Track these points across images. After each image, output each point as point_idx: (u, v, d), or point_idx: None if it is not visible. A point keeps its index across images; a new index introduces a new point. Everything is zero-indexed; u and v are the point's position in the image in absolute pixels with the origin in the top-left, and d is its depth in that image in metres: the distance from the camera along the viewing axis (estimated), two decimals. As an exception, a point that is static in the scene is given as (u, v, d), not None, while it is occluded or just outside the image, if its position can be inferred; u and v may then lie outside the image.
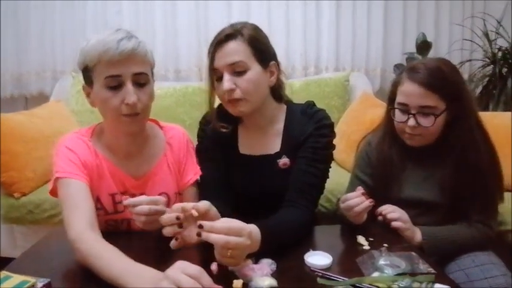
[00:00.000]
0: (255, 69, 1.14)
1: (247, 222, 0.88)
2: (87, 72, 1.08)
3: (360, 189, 1.13)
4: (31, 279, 0.79)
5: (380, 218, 1.17)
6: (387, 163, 1.29)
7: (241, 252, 0.82)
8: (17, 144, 1.95)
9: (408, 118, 1.19)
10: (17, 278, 0.79)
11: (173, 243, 0.91)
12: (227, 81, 1.11)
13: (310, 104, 1.24)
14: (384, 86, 3.05)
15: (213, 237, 0.78)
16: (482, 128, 1.25)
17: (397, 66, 2.90)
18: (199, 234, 0.79)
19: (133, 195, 1.10)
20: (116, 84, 1.05)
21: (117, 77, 1.05)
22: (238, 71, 1.12)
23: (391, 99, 1.27)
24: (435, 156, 1.25)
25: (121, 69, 1.04)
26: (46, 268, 0.93)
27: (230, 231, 0.79)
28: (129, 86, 1.05)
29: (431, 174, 1.26)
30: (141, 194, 1.13)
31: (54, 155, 1.15)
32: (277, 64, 1.21)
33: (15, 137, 1.96)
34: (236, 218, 0.86)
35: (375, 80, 3.03)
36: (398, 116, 1.23)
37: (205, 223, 0.79)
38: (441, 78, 1.17)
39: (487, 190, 1.22)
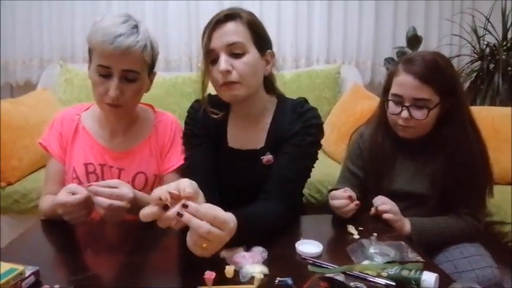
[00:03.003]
0: (252, 54, 1.11)
1: (228, 210, 0.84)
2: (89, 50, 1.15)
3: (347, 191, 1.13)
4: (19, 267, 0.77)
5: (372, 210, 1.17)
6: (379, 155, 1.30)
7: (217, 246, 0.76)
8: (2, 132, 1.91)
9: (402, 110, 1.19)
10: (4, 266, 0.77)
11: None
12: (224, 62, 1.07)
13: (302, 101, 1.20)
14: (374, 79, 3.09)
15: (195, 223, 0.71)
16: (473, 123, 1.26)
17: (388, 60, 2.93)
18: (180, 214, 0.72)
19: (111, 168, 1.22)
20: (105, 74, 1.10)
21: (107, 68, 1.10)
22: (237, 52, 1.08)
23: (385, 90, 1.27)
24: (427, 150, 1.25)
25: (112, 62, 1.09)
26: (34, 257, 0.92)
27: (215, 221, 0.73)
28: (115, 80, 1.10)
29: (422, 167, 1.27)
30: (119, 168, 1.23)
31: None
32: (273, 54, 1.19)
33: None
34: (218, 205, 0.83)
35: (365, 73, 3.05)
36: (392, 107, 1.23)
37: (190, 204, 0.72)
38: (437, 72, 1.17)
39: (476, 184, 1.24)
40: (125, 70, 1.11)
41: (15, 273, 0.75)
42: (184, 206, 0.72)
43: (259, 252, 0.89)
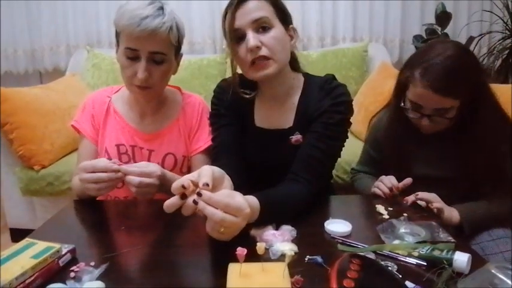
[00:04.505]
0: (278, 28, 1.08)
1: (254, 191, 0.85)
2: (116, 33, 1.17)
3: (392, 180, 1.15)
4: (56, 245, 0.79)
5: (411, 199, 1.11)
6: (395, 145, 1.27)
7: (234, 231, 0.76)
8: (33, 117, 1.97)
9: (422, 117, 1.15)
10: (41, 245, 0.80)
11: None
12: (253, 38, 1.04)
13: (330, 78, 1.16)
14: (402, 57, 3.00)
15: (208, 210, 0.72)
16: (500, 110, 1.19)
17: (416, 38, 2.85)
18: (195, 202, 0.73)
19: (141, 149, 1.25)
20: (132, 56, 1.12)
21: (135, 50, 1.11)
22: (263, 26, 1.05)
23: (401, 89, 1.20)
24: (451, 133, 1.20)
25: (139, 44, 1.10)
26: (69, 236, 0.95)
27: (228, 209, 0.72)
28: (143, 62, 1.12)
29: (446, 150, 1.22)
30: (150, 150, 1.26)
31: None
32: (295, 29, 1.16)
33: (31, 111, 1.98)
34: (244, 186, 0.84)
35: (393, 51, 2.97)
36: (411, 112, 1.17)
37: (204, 192, 0.73)
38: (459, 79, 1.08)
39: (505, 167, 1.18)
40: (152, 52, 1.12)
41: (52, 251, 0.77)
42: (199, 195, 0.73)
43: (288, 231, 0.89)
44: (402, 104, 1.19)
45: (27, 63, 3.03)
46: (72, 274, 0.76)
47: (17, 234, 2.20)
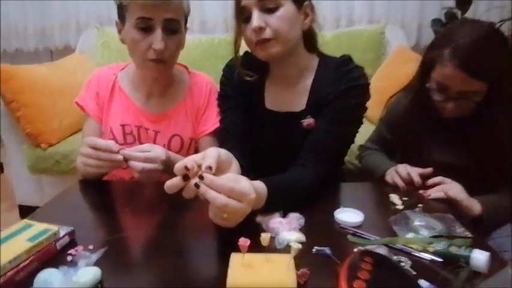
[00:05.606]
0: (287, 7, 1.01)
1: (262, 176, 0.81)
2: (121, 8, 1.11)
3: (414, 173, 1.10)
4: (53, 228, 0.77)
5: (436, 195, 1.05)
6: (413, 128, 1.23)
7: (239, 217, 0.71)
8: (40, 95, 1.95)
9: (446, 100, 1.09)
10: (38, 226, 0.77)
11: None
12: (257, 19, 0.99)
13: (346, 59, 1.09)
14: (420, 41, 2.91)
15: (210, 195, 0.67)
16: None
17: (435, 22, 2.76)
18: (197, 186, 0.68)
19: (147, 130, 1.20)
20: (145, 26, 1.07)
21: (148, 20, 1.06)
22: (270, 7, 0.99)
23: (426, 69, 1.14)
24: (469, 120, 1.14)
25: (153, 13, 1.06)
26: (71, 217, 0.92)
27: (232, 193, 0.67)
28: (158, 32, 1.06)
29: (464, 138, 1.17)
30: (155, 131, 1.21)
31: None
32: (312, 6, 1.09)
33: (38, 89, 1.95)
34: (252, 171, 0.80)
35: (411, 35, 2.87)
36: (435, 93, 1.12)
37: (206, 175, 0.68)
38: (490, 62, 1.03)
39: None
40: (167, 20, 1.07)
41: (49, 234, 0.75)
42: (201, 178, 0.68)
43: (296, 219, 0.85)
44: (428, 84, 1.13)
45: (37, 41, 3.02)
46: (69, 258, 0.73)
47: (26, 212, 2.20)
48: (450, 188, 1.06)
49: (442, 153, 1.20)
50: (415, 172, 1.11)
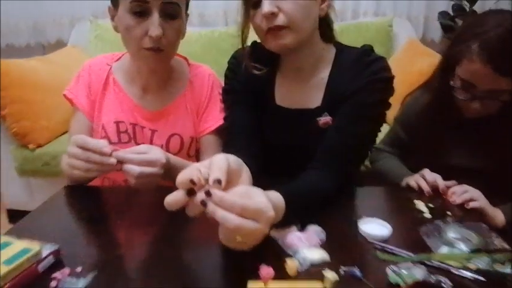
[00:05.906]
0: None
1: (275, 176, 0.70)
2: None
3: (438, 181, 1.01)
4: (35, 247, 0.65)
5: (461, 199, 0.96)
6: (432, 130, 1.15)
7: (256, 239, 0.59)
8: (28, 91, 1.84)
9: (472, 99, 1.01)
10: (17, 245, 0.66)
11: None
12: (268, 3, 0.87)
13: (367, 49, 0.98)
14: (426, 35, 2.83)
15: (220, 215, 0.54)
16: None
17: (442, 14, 2.70)
18: (203, 204, 0.56)
19: (143, 129, 1.09)
20: (141, 10, 0.96)
21: (144, 2, 0.95)
22: None
23: (450, 63, 1.05)
24: (490, 122, 1.06)
25: None
26: (56, 231, 0.81)
27: (246, 212, 0.55)
28: (155, 16, 0.95)
29: (483, 141, 1.09)
30: (152, 130, 1.10)
31: None
32: None
33: (27, 84, 1.85)
34: (262, 175, 0.70)
35: (417, 28, 2.78)
36: (460, 91, 1.03)
37: (214, 192, 0.55)
38: None
39: None
40: (165, 3, 0.96)
41: (30, 254, 0.64)
42: (208, 194, 0.55)
43: (316, 233, 0.74)
44: (451, 82, 1.04)
45: (29, 36, 2.92)
46: (53, 283, 0.62)
47: (14, 216, 2.11)
48: (477, 197, 0.97)
49: (461, 156, 1.12)
50: (440, 178, 1.02)
